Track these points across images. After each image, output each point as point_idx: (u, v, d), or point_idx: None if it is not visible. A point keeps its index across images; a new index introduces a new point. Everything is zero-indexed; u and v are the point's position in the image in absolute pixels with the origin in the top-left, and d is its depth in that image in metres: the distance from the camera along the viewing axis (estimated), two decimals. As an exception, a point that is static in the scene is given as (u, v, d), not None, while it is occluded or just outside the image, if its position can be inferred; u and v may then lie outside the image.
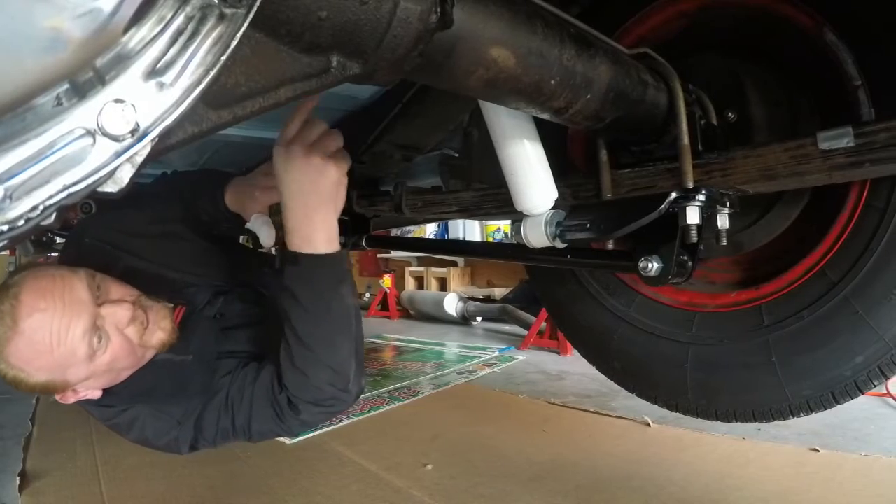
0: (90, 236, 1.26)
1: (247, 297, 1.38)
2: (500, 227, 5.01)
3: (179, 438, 1.18)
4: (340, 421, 2.10)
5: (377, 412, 2.22)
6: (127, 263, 1.23)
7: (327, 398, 1.12)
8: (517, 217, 1.06)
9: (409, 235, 4.79)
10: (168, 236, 1.32)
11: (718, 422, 1.20)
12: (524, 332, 3.91)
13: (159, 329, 1.13)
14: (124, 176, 0.43)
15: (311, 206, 1.01)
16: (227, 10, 0.42)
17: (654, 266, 0.94)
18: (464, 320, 4.86)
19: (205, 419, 1.17)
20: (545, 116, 0.83)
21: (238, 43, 0.43)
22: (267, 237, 1.25)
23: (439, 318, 5.01)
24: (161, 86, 0.41)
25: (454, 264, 5.61)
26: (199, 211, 1.33)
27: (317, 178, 1.01)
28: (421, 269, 5.82)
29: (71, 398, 1.10)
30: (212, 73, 0.42)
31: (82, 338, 1.00)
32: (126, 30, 0.39)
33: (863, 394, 1.01)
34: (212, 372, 1.18)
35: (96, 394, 1.13)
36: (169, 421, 1.18)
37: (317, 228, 1.03)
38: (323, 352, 1.08)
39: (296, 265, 1.04)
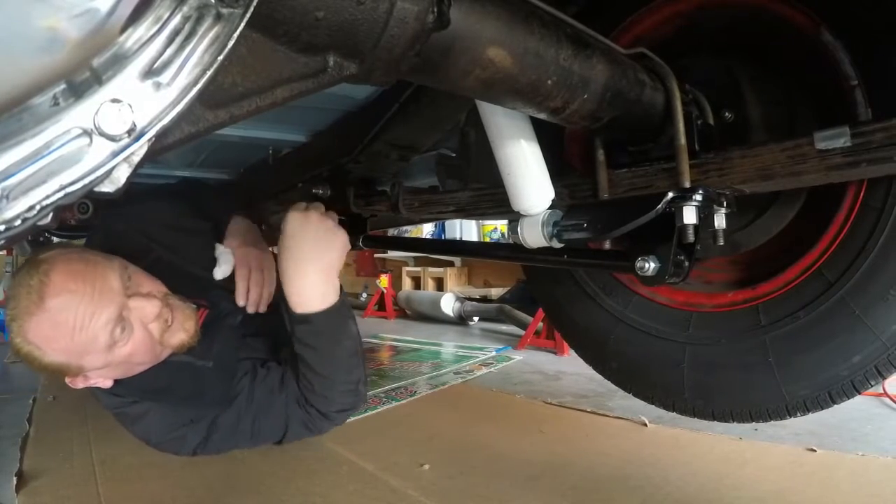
0: (125, 222, 1.25)
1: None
2: (496, 227, 5.00)
3: (188, 437, 1.18)
4: (337, 421, 2.06)
5: (374, 412, 2.21)
6: (157, 255, 1.23)
7: (349, 406, 1.23)
8: (514, 217, 1.06)
9: (406, 235, 4.79)
10: (199, 233, 1.32)
11: (715, 422, 1.20)
12: (521, 332, 3.91)
13: (182, 330, 1.13)
14: (121, 176, 0.43)
15: (324, 263, 1.10)
16: (224, 10, 0.42)
17: (650, 266, 0.95)
18: (460, 320, 4.85)
19: (220, 421, 1.18)
20: (542, 116, 0.83)
21: (235, 43, 0.43)
22: (223, 270, 1.30)
23: (436, 318, 5.00)
24: (158, 86, 0.41)
25: (451, 264, 5.61)
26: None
27: (332, 238, 1.10)
28: (418, 269, 5.81)
29: (80, 384, 1.10)
30: (209, 73, 0.42)
31: (105, 326, 1.00)
32: (123, 30, 0.39)
33: (860, 394, 1.01)
34: (230, 380, 1.19)
35: (107, 383, 1.12)
36: (179, 418, 1.18)
37: (329, 285, 1.11)
38: (340, 376, 1.17)
39: (307, 324, 1.09)
